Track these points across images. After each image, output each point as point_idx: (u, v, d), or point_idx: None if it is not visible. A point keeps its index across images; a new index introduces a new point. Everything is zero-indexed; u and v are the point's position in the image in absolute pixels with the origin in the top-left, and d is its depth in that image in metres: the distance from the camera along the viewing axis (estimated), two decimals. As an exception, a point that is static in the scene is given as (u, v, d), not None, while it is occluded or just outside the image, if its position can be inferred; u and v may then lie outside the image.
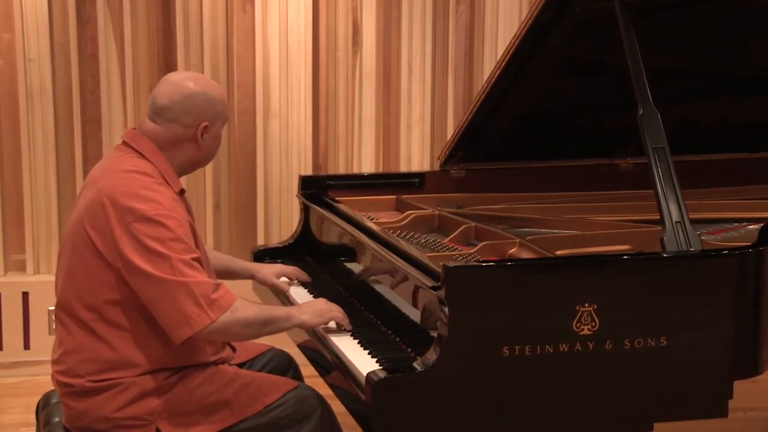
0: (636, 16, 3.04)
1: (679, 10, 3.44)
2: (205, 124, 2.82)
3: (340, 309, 2.91)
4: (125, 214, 2.63)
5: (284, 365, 3.20)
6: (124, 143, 2.84)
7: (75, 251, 2.72)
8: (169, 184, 2.78)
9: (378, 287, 3.14)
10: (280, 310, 2.81)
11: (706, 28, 3.48)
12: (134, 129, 2.87)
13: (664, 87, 3.07)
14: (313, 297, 3.28)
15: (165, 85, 2.84)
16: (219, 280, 2.67)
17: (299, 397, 2.83)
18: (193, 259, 2.63)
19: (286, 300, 3.31)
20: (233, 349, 3.03)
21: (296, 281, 3.42)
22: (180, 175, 2.87)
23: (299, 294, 3.33)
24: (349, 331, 2.88)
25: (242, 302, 2.67)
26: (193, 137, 2.82)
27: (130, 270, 2.61)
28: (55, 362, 2.79)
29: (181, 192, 2.85)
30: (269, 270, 3.41)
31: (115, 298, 2.67)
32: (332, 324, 2.91)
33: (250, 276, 3.37)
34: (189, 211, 2.86)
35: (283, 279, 3.41)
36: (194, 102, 2.81)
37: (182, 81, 2.84)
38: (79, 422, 2.74)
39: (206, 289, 2.59)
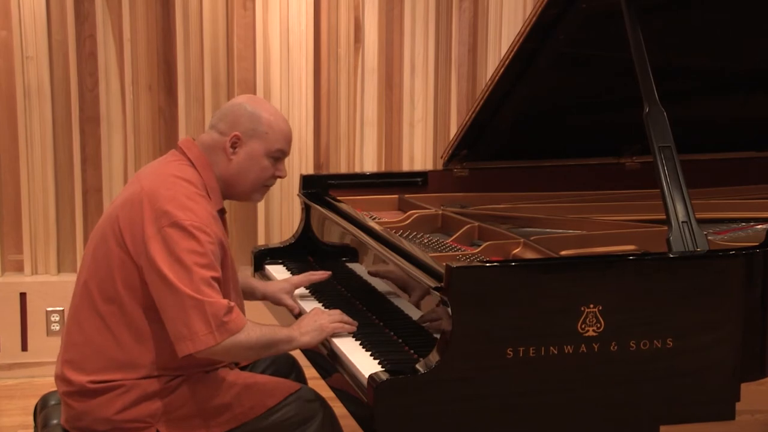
0: (642, 12, 3.01)
1: (686, 7, 3.42)
2: (236, 133, 2.84)
3: (339, 314, 2.89)
4: (160, 216, 2.65)
5: (287, 367, 3.19)
6: (179, 149, 2.87)
7: (103, 242, 2.74)
8: (211, 199, 2.81)
9: (380, 288, 3.11)
10: (281, 332, 2.79)
11: (714, 25, 3.47)
12: (191, 138, 2.92)
13: (670, 85, 3.07)
14: (317, 300, 3.25)
15: None
16: (233, 303, 2.65)
17: (301, 400, 2.83)
18: (214, 278, 2.63)
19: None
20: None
21: (307, 291, 3.33)
22: (223, 196, 2.89)
23: (305, 300, 3.27)
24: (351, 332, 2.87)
25: (249, 325, 2.67)
26: (224, 147, 2.85)
27: (152, 271, 2.62)
28: (62, 352, 2.79)
29: (221, 212, 2.87)
30: (280, 287, 3.28)
31: (133, 295, 2.68)
32: None
33: (263, 298, 3.29)
34: (225, 231, 2.86)
35: (296, 292, 3.30)
36: (234, 111, 2.87)
37: (242, 96, 2.98)
38: (79, 422, 2.74)
39: (218, 311, 2.59)
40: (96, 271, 2.74)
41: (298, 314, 3.16)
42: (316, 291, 3.34)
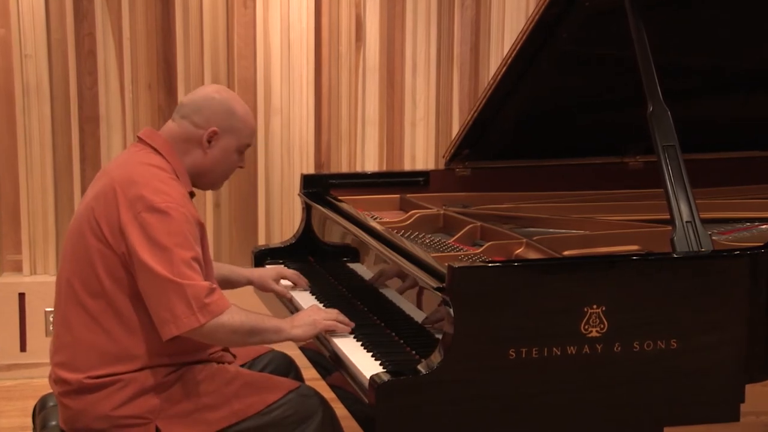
0: (646, 10, 3.00)
1: (686, 6, 3.40)
2: (213, 129, 2.84)
3: (336, 313, 2.88)
4: (135, 202, 2.64)
5: (284, 367, 3.18)
6: (140, 140, 2.87)
7: (81, 240, 2.73)
8: (181, 182, 2.81)
9: (382, 288, 3.10)
10: (270, 322, 2.78)
11: (719, 23, 3.45)
12: (150, 128, 2.91)
13: (674, 83, 3.05)
14: (317, 300, 3.24)
15: (195, 89, 2.94)
16: (215, 285, 2.65)
17: (301, 398, 2.82)
18: (193, 258, 2.63)
19: (291, 305, 3.26)
20: (233, 356, 3.01)
21: (308, 291, 3.33)
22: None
23: (304, 299, 3.28)
24: (350, 332, 2.85)
25: (234, 309, 2.66)
26: (199, 140, 2.84)
27: (133, 258, 2.62)
28: (53, 356, 2.78)
29: (191, 194, 2.86)
30: (267, 274, 3.35)
31: (119, 285, 2.68)
32: None
33: (248, 283, 3.33)
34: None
35: (284, 282, 3.35)
36: (210, 104, 2.85)
37: (210, 87, 2.96)
38: (77, 422, 2.72)
39: (200, 293, 2.59)
40: (77, 268, 2.73)
41: (290, 300, 3.22)
42: (317, 291, 3.33)
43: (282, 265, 3.57)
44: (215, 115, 2.84)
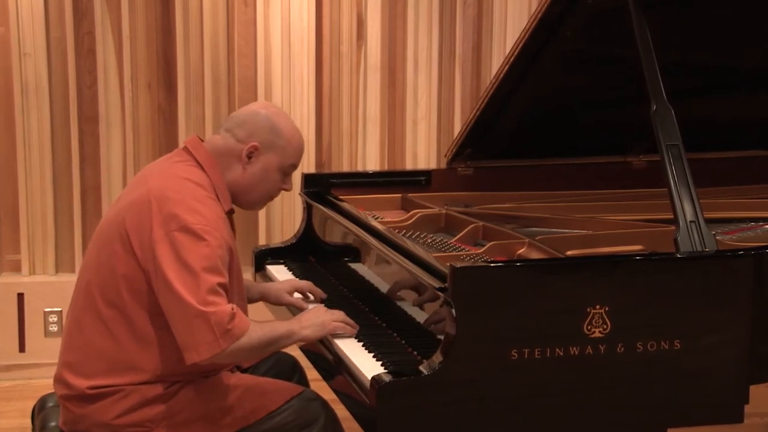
0: (649, 8, 2.99)
1: (693, 3, 3.39)
2: (254, 143, 2.81)
3: (342, 315, 2.86)
4: (169, 220, 2.61)
5: (288, 369, 3.16)
6: (185, 149, 2.84)
7: (107, 245, 2.71)
8: (219, 200, 2.79)
9: (383, 288, 3.09)
10: (281, 327, 2.76)
11: (721, 22, 3.44)
12: (197, 137, 2.88)
13: (678, 82, 3.04)
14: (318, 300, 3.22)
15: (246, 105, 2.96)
16: (236, 308, 2.62)
17: (303, 403, 2.80)
18: (220, 284, 2.60)
19: (293, 306, 3.22)
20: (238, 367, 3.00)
21: (312, 298, 3.28)
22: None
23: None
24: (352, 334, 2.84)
25: (252, 327, 2.63)
26: (239, 155, 2.82)
27: (159, 278, 2.60)
28: (62, 354, 2.77)
29: (230, 212, 2.86)
30: (281, 287, 3.28)
31: (138, 299, 2.65)
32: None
33: (262, 298, 3.28)
34: (233, 232, 2.86)
35: (297, 295, 3.28)
36: (254, 119, 2.84)
37: (258, 103, 3.00)
38: (78, 426, 2.72)
39: (223, 319, 2.55)
40: (99, 273, 2.71)
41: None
42: (329, 301, 3.28)
43: (285, 267, 3.56)
44: (258, 130, 2.82)
